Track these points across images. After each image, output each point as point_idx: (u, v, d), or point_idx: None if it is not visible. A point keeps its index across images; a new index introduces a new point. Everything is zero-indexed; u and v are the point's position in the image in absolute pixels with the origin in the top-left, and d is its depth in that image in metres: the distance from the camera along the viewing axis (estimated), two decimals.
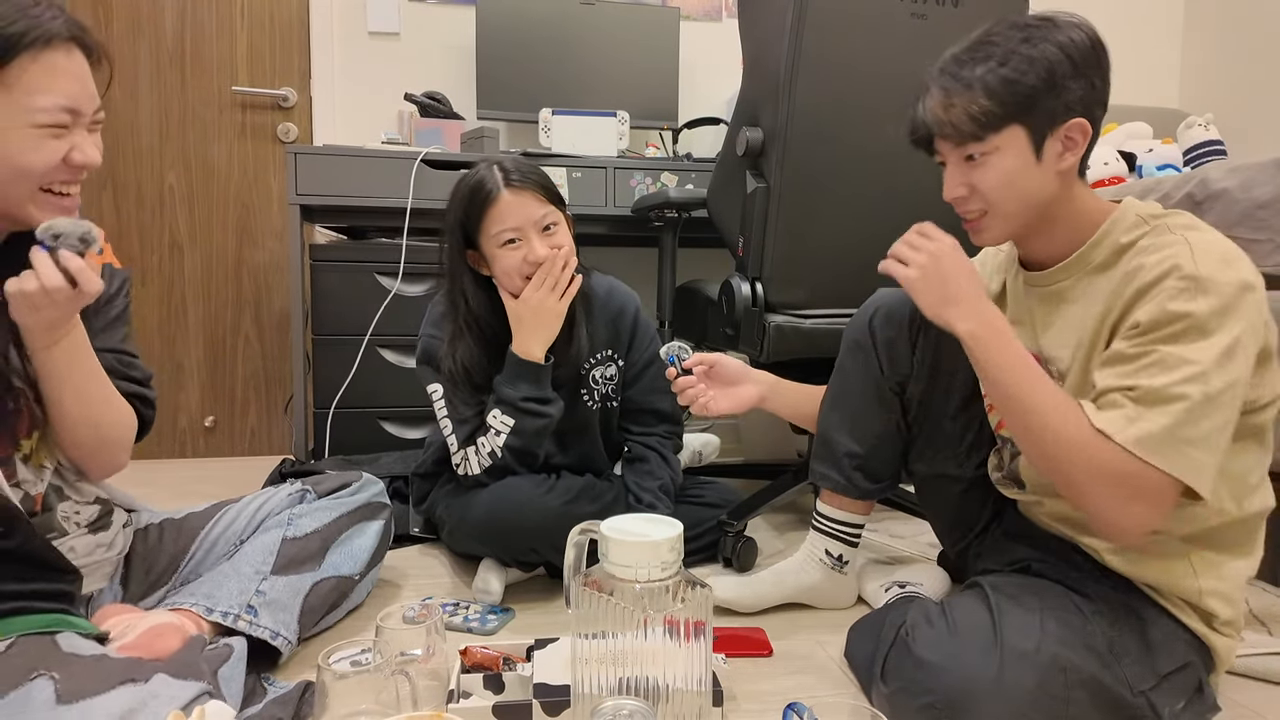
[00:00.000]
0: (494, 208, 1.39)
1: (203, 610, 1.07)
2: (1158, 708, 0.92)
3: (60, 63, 0.91)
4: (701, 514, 1.58)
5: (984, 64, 0.97)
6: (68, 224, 0.92)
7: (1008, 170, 0.99)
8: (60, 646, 0.87)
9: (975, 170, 1.01)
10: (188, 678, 0.87)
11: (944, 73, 1.01)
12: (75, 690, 0.79)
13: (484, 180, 1.40)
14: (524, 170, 1.41)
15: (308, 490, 1.33)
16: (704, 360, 1.35)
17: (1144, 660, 0.94)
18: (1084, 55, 0.96)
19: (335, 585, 1.23)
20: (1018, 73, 0.95)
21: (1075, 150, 0.99)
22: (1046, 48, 0.95)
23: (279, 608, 1.12)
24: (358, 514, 1.32)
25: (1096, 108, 0.99)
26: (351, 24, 2.59)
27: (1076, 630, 0.94)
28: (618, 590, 0.75)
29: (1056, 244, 1.05)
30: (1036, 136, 0.98)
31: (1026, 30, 0.97)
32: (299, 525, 1.23)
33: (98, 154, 0.95)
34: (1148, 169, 1.96)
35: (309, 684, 1.03)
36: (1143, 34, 3.03)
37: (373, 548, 1.32)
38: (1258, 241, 1.42)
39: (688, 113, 2.64)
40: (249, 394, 2.67)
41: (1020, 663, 0.89)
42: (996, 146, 0.99)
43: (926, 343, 1.23)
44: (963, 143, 1.01)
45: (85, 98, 0.93)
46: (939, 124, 1.01)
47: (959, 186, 1.04)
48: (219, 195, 2.60)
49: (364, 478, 1.40)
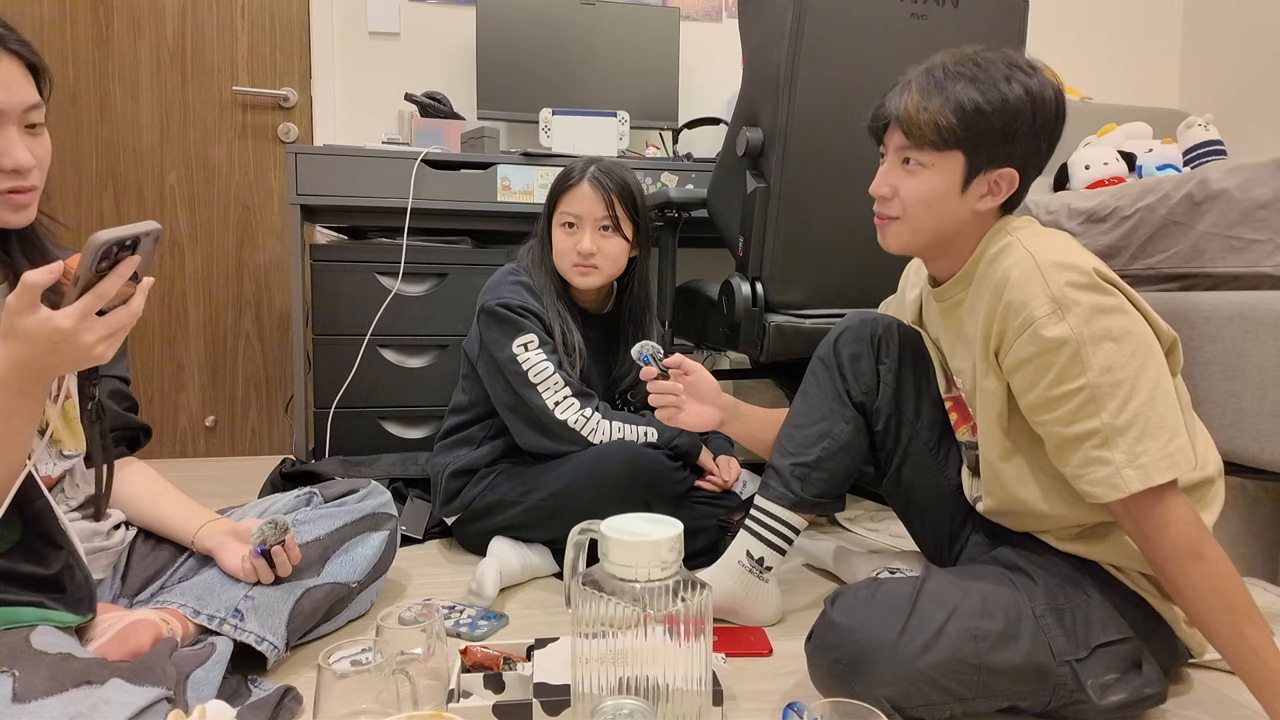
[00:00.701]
0: (569, 193, 1.56)
1: (189, 612, 1.06)
2: (1081, 677, 0.96)
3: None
4: (702, 513, 1.58)
5: (966, 83, 1.02)
6: (279, 527, 1.10)
7: (932, 189, 1.06)
8: (31, 644, 0.87)
9: (906, 176, 1.08)
10: (145, 683, 0.86)
11: (930, 76, 1.05)
12: (31, 690, 0.79)
13: (575, 168, 1.58)
14: (612, 174, 1.56)
15: (315, 493, 1.32)
16: (682, 365, 1.33)
17: (1076, 633, 0.98)
18: (1045, 116, 1.03)
19: (330, 592, 1.21)
20: (989, 105, 1.01)
21: (996, 196, 1.06)
22: (1020, 91, 1.01)
23: (268, 613, 1.10)
24: (362, 523, 1.30)
25: (1032, 168, 1.07)
26: (352, 24, 2.59)
27: (1001, 602, 0.99)
28: (618, 590, 0.75)
29: (954, 266, 1.12)
30: (970, 170, 1.05)
31: (1013, 70, 1.02)
32: (300, 532, 1.21)
33: (25, 154, 0.93)
34: (1148, 169, 1.95)
35: (289, 689, 1.03)
36: (1143, 34, 3.03)
37: (374, 557, 1.29)
38: (1258, 241, 1.43)
39: (688, 113, 2.64)
40: (249, 394, 2.67)
41: (924, 629, 0.94)
42: (933, 163, 1.05)
43: (890, 357, 1.25)
44: (913, 146, 1.06)
45: (7, 100, 0.92)
46: (907, 120, 1.05)
47: (886, 185, 1.10)
48: (220, 195, 2.60)
49: (372, 485, 1.38)
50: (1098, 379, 0.94)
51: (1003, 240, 1.05)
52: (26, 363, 0.83)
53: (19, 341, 0.82)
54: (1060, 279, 0.96)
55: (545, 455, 1.53)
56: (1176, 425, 0.94)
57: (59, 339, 0.82)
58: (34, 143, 0.97)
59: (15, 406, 0.86)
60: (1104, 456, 0.94)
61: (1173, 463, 0.92)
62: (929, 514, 1.30)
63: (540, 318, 1.55)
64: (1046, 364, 0.96)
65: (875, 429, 1.27)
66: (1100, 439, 0.94)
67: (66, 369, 0.88)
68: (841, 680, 0.95)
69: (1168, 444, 0.93)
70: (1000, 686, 0.95)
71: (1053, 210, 1.83)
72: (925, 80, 1.05)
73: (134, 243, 0.84)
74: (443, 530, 1.74)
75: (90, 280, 0.82)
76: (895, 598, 0.99)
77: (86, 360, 0.85)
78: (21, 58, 0.95)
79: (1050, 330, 0.95)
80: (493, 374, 1.55)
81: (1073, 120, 2.50)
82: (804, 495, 1.25)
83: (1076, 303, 0.95)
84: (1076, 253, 0.99)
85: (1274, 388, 1.35)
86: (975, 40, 1.61)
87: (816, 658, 1.00)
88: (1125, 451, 0.93)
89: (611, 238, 1.55)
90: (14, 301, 0.81)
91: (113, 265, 0.83)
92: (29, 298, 0.80)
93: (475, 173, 2.14)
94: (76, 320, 0.82)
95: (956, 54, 1.05)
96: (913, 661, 0.92)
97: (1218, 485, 1.07)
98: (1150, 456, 0.92)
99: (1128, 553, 1.03)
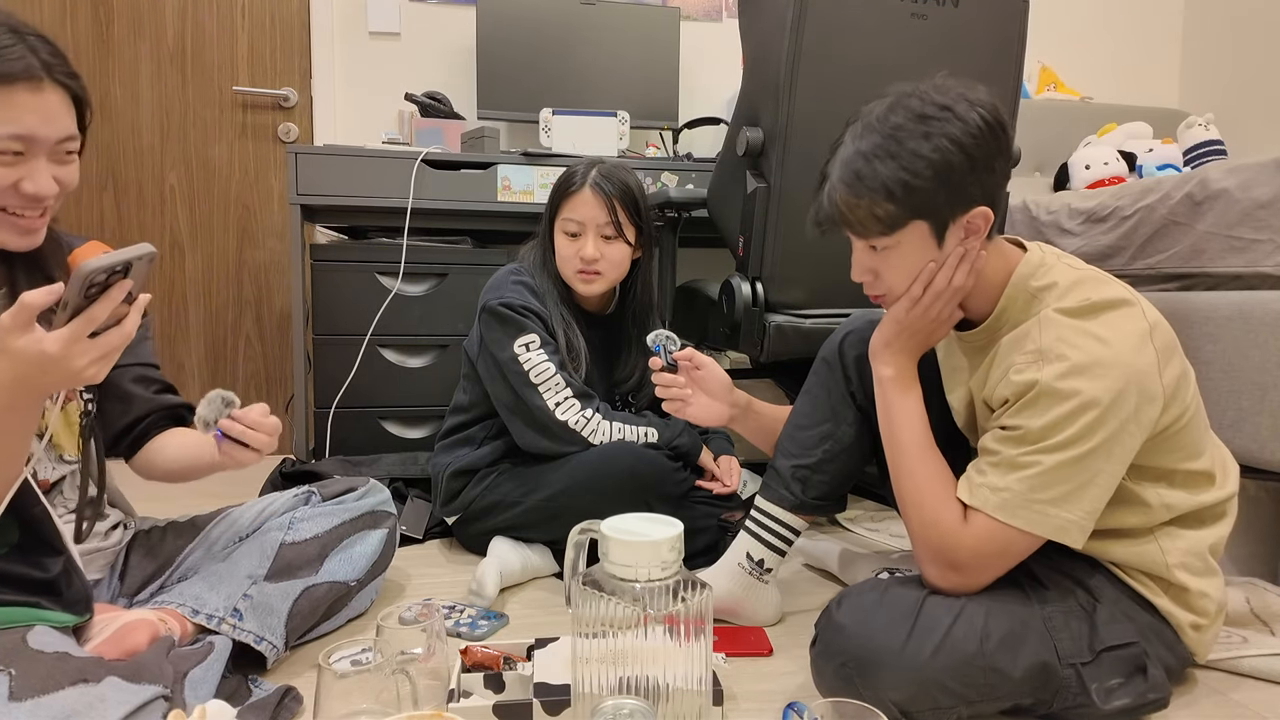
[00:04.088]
0: (571, 198, 1.55)
1: (188, 611, 1.06)
2: (1086, 681, 0.96)
3: (18, 97, 0.92)
4: (702, 513, 1.58)
5: (886, 163, 0.97)
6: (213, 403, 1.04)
7: (910, 261, 1.04)
8: (28, 643, 0.87)
9: (879, 258, 1.06)
10: (141, 681, 0.86)
11: (848, 168, 1.01)
12: (27, 688, 0.80)
13: (576, 172, 1.57)
14: (614, 179, 1.54)
15: (313, 493, 1.32)
16: (693, 359, 1.33)
17: (1083, 636, 0.98)
18: (981, 145, 0.97)
19: (329, 591, 1.21)
20: (915, 176, 0.96)
21: (977, 235, 1.02)
22: (942, 142, 0.96)
23: (266, 612, 1.10)
24: (361, 521, 1.30)
25: (998, 191, 1.03)
26: (352, 24, 2.59)
27: (1008, 604, 0.98)
28: (618, 590, 0.75)
29: (970, 312, 1.11)
30: (938, 228, 1.01)
31: (927, 124, 0.97)
32: (299, 530, 1.22)
33: (50, 184, 0.96)
34: (1148, 169, 1.96)
35: (289, 689, 1.02)
36: (1143, 34, 3.03)
37: (373, 555, 1.29)
38: (1258, 241, 1.43)
39: (688, 113, 2.64)
40: (250, 394, 2.67)
41: (932, 631, 0.94)
42: (899, 241, 1.02)
43: None
44: (868, 238, 1.04)
45: (42, 128, 0.94)
46: (846, 222, 1.04)
47: (865, 272, 1.08)
48: (220, 195, 2.60)
49: (370, 484, 1.38)
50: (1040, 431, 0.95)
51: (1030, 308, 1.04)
52: (17, 381, 0.83)
53: (10, 360, 0.82)
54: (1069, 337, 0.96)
55: (546, 456, 1.53)
56: (1084, 500, 0.95)
57: (47, 362, 0.82)
58: (61, 170, 0.99)
59: (8, 422, 0.87)
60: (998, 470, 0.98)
61: (1049, 525, 0.95)
62: None
63: (542, 318, 1.55)
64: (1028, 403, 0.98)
65: (879, 432, 1.27)
66: (1010, 463, 0.97)
67: (59, 388, 0.89)
68: (849, 684, 0.95)
69: (1062, 510, 0.95)
70: (1006, 688, 0.95)
71: (1053, 210, 1.83)
72: (846, 175, 1.01)
73: (125, 267, 0.84)
74: (443, 530, 1.74)
75: (80, 305, 0.82)
76: (901, 600, 0.98)
77: (78, 381, 0.86)
78: (68, 89, 0.97)
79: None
80: (493, 374, 1.55)
81: (1073, 120, 2.51)
82: (805, 498, 1.25)
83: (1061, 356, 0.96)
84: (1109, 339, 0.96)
85: (1274, 388, 1.35)
86: (976, 40, 1.61)
87: (822, 662, 1.00)
88: (1017, 482, 0.96)
89: (614, 243, 1.55)
90: (8, 320, 0.81)
91: (104, 289, 0.83)
92: (25, 317, 0.81)
93: (475, 173, 2.14)
94: (65, 345, 0.82)
95: (866, 126, 1.01)
96: (921, 664, 0.92)
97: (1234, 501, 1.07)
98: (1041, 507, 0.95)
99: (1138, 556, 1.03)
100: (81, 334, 0.83)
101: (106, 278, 0.83)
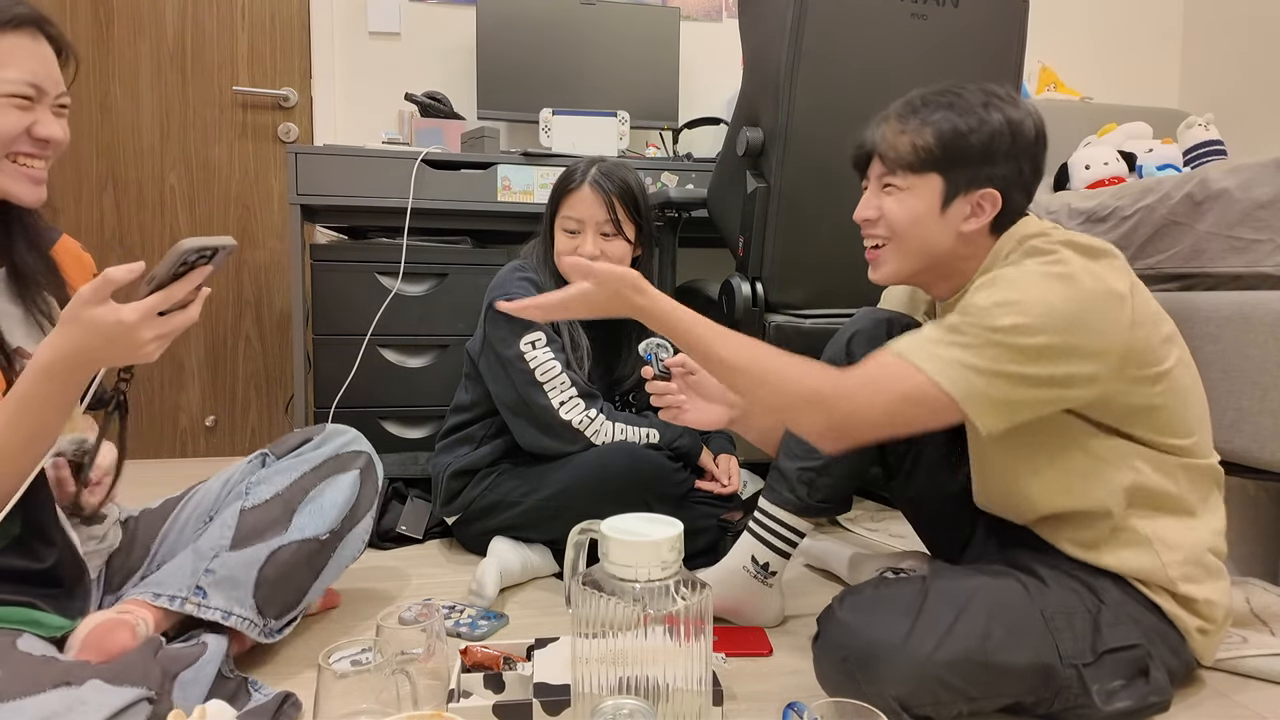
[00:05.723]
0: (570, 196, 1.55)
1: (149, 596, 1.03)
2: (1087, 682, 0.96)
3: (25, 44, 0.96)
4: (702, 513, 1.58)
5: (945, 111, 1.06)
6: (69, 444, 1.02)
7: (914, 210, 1.08)
8: (17, 646, 0.87)
9: (888, 199, 1.10)
10: (124, 683, 0.85)
11: (908, 105, 1.09)
12: (10, 689, 0.80)
13: (576, 170, 1.57)
14: (614, 176, 1.55)
15: (266, 454, 1.24)
16: (686, 366, 1.32)
17: (1085, 637, 0.98)
18: (1026, 141, 1.05)
19: (298, 550, 1.13)
20: (967, 130, 1.04)
21: (979, 217, 1.06)
22: (999, 118, 1.04)
23: (231, 585, 1.06)
24: (324, 468, 1.21)
25: (1016, 190, 1.07)
26: (352, 24, 2.59)
27: (1011, 602, 0.98)
28: (618, 590, 0.75)
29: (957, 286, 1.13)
30: (949, 191, 1.06)
31: (990, 98, 1.05)
32: (257, 493, 1.15)
33: (62, 132, 1.00)
34: (1148, 169, 1.95)
35: (288, 694, 1.01)
36: (1143, 34, 3.03)
37: (346, 503, 1.19)
38: (1258, 241, 1.42)
39: (688, 113, 2.64)
40: (250, 394, 2.67)
41: (934, 627, 0.93)
42: (913, 186, 1.07)
43: None
44: (891, 170, 1.09)
45: (48, 79, 0.99)
46: (884, 145, 1.10)
47: (872, 208, 1.12)
48: (220, 195, 2.60)
49: (328, 428, 1.27)
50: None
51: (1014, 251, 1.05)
52: (79, 351, 0.86)
53: (81, 328, 0.85)
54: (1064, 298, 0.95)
55: (546, 455, 1.53)
56: (1004, 383, 0.93)
57: (119, 332, 0.85)
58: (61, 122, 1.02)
59: (54, 395, 0.89)
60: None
61: (952, 376, 0.92)
62: (939, 518, 1.30)
63: None
64: None
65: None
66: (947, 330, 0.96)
67: (114, 363, 0.91)
68: (850, 679, 0.95)
69: (973, 371, 0.92)
70: (1006, 686, 0.95)
71: (1053, 210, 1.83)
72: (903, 109, 1.09)
73: (212, 253, 0.88)
74: (443, 530, 1.75)
75: (165, 282, 0.86)
76: (904, 596, 0.98)
77: (136, 357, 0.89)
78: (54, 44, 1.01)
79: None
80: (496, 372, 1.54)
81: (1073, 120, 2.51)
82: (810, 500, 1.24)
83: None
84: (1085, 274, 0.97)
85: (1274, 388, 1.35)
86: (976, 40, 1.61)
87: (824, 657, 1.00)
88: (933, 332, 0.96)
89: (614, 241, 1.55)
90: (88, 292, 0.84)
91: (189, 270, 0.88)
92: (106, 291, 0.84)
93: (475, 173, 2.14)
94: (141, 315, 0.85)
95: (934, 87, 1.09)
96: (922, 659, 0.92)
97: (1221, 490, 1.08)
98: (950, 355, 0.93)
99: (1141, 567, 1.03)
100: (156, 309, 0.86)
101: (195, 260, 0.87)
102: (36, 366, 0.87)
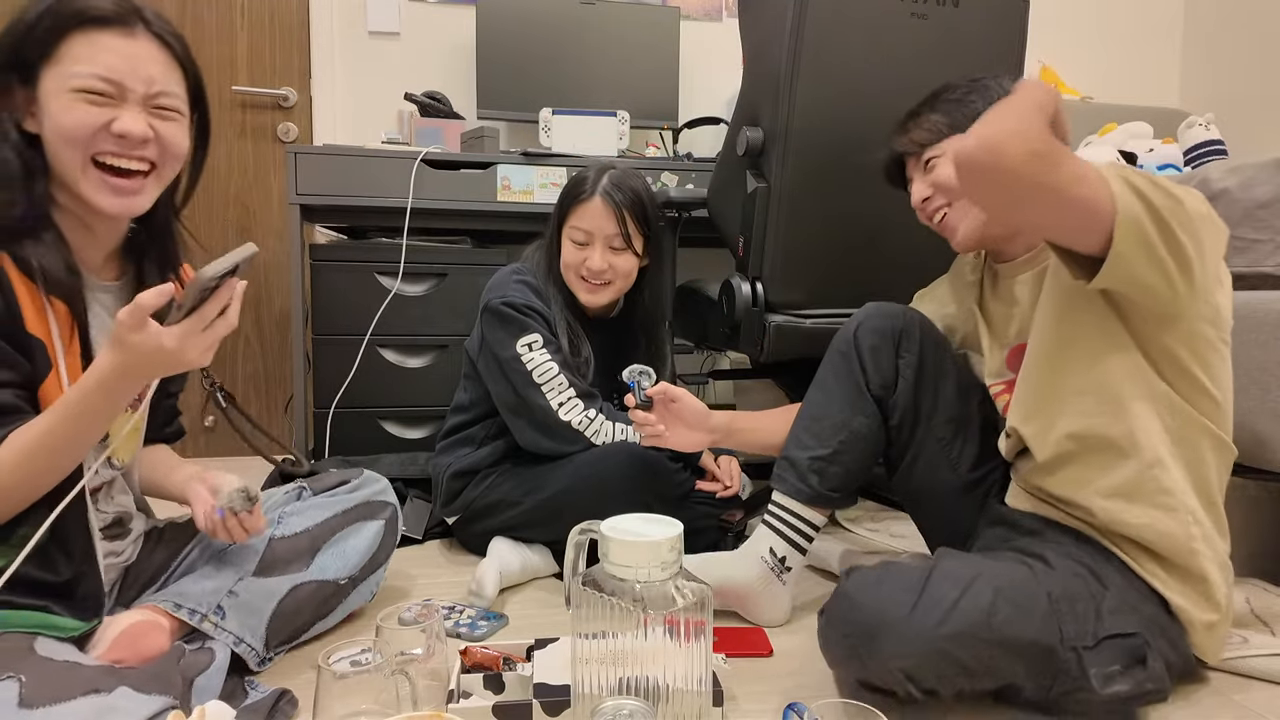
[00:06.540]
0: (580, 206, 1.52)
1: (171, 606, 1.04)
2: (1086, 665, 0.96)
3: (109, 41, 0.95)
4: (702, 514, 1.58)
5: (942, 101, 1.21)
6: (236, 498, 1.07)
7: None
8: (35, 650, 0.87)
9: (934, 172, 1.20)
10: (153, 691, 0.86)
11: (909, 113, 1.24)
12: (39, 696, 0.80)
13: (587, 179, 1.53)
14: (624, 187, 1.52)
15: (304, 488, 1.29)
16: (666, 393, 1.34)
17: (1087, 621, 0.98)
18: None
19: (317, 591, 1.17)
20: (967, 101, 1.18)
21: None
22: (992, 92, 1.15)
23: (248, 612, 1.08)
24: (354, 513, 1.26)
25: None
26: (352, 24, 2.59)
27: (1016, 584, 0.99)
28: (618, 590, 0.75)
29: (1029, 245, 1.19)
30: None
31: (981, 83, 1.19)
32: (289, 524, 1.19)
33: (143, 126, 0.96)
34: (1148, 169, 1.95)
35: (284, 692, 1.02)
36: (1143, 34, 3.03)
37: (368, 550, 1.25)
38: (1258, 241, 1.42)
39: (688, 113, 2.64)
40: (249, 394, 2.67)
41: (939, 601, 0.94)
42: (945, 149, 1.17)
43: (910, 351, 1.25)
44: (923, 150, 1.20)
45: (131, 74, 0.96)
46: (904, 144, 1.23)
47: (924, 187, 1.22)
48: (219, 195, 2.60)
49: (365, 474, 1.33)
50: None
51: None
52: (127, 369, 0.89)
53: (126, 352, 0.88)
54: None
55: (546, 456, 1.52)
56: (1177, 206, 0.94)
57: (162, 355, 0.88)
58: (161, 125, 1.00)
59: (100, 406, 0.92)
60: None
61: (1127, 200, 0.91)
62: (940, 511, 1.30)
63: (545, 317, 1.54)
64: None
65: (890, 423, 1.27)
66: None
67: (167, 373, 0.94)
68: (854, 653, 0.96)
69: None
70: (1007, 663, 0.95)
71: None
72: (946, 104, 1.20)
73: (234, 269, 0.90)
74: (443, 530, 1.74)
75: (195, 306, 0.89)
76: (910, 573, 0.99)
77: (187, 365, 0.92)
78: (170, 50, 0.99)
79: None
80: (494, 373, 1.54)
81: (1073, 120, 2.49)
82: (820, 489, 1.26)
83: None
84: None
85: (1274, 388, 1.35)
86: (976, 40, 1.62)
87: (830, 631, 1.01)
88: None
89: (623, 254, 1.54)
90: (125, 318, 0.86)
91: (215, 290, 0.90)
92: (140, 317, 0.86)
93: (475, 173, 2.14)
94: (180, 340, 0.89)
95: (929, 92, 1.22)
96: (927, 632, 0.92)
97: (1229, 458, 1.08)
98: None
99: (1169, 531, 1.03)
100: (195, 329, 0.90)
101: (216, 286, 0.89)
102: (89, 381, 0.90)
